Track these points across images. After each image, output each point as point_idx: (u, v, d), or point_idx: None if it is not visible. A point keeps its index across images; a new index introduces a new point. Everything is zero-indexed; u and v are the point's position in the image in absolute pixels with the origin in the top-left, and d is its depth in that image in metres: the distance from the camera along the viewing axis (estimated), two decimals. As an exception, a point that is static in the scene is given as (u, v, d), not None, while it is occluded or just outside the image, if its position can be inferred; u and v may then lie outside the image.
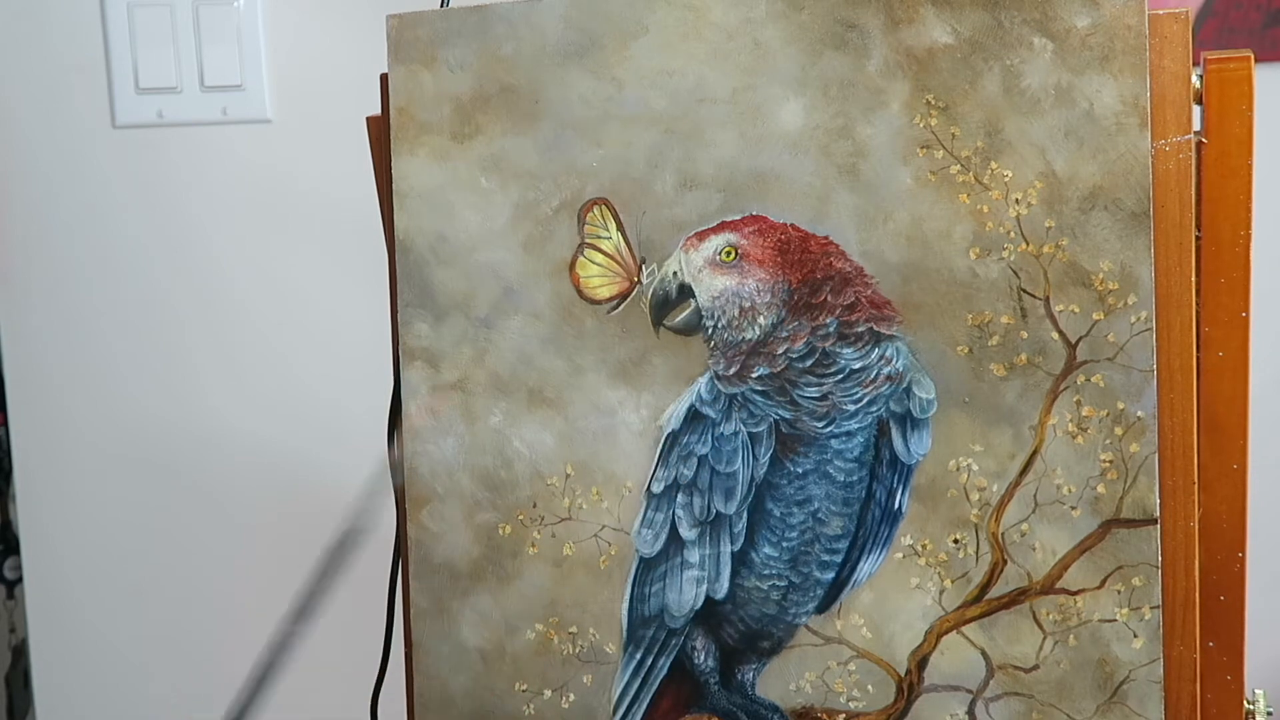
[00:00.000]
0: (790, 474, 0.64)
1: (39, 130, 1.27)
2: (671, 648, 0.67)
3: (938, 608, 0.63)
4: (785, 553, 0.65)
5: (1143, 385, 0.59)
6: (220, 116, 1.26)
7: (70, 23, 1.25)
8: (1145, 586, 0.59)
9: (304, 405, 1.30)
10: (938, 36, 0.60)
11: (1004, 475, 0.61)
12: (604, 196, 0.66)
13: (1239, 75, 0.57)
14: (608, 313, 0.66)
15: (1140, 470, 0.59)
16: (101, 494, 1.33)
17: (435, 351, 0.70)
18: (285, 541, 1.33)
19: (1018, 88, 0.59)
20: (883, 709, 0.64)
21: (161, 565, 1.34)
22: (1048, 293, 0.59)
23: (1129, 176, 0.58)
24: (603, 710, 0.68)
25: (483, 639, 0.70)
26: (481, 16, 0.67)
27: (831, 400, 0.63)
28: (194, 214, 1.28)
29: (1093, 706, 0.61)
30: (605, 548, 0.67)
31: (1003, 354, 0.60)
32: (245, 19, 1.24)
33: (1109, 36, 0.57)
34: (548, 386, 0.68)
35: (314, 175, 1.26)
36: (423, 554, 0.71)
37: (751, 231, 0.63)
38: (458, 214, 0.68)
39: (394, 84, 0.69)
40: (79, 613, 1.35)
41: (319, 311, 1.29)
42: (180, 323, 1.30)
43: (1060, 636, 0.61)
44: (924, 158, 0.60)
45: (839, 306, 0.62)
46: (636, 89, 0.65)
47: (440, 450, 0.70)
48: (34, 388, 1.32)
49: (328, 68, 1.24)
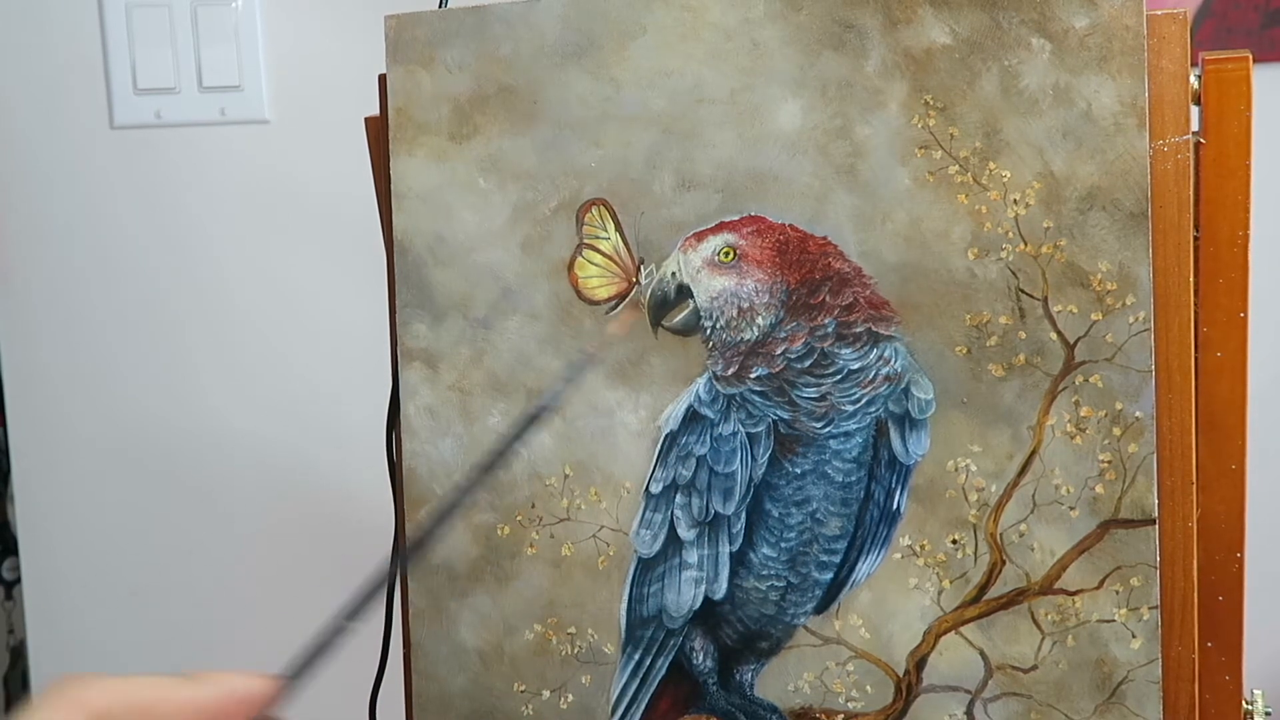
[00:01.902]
0: (789, 474, 0.64)
1: (37, 130, 1.27)
2: (670, 648, 0.67)
3: (936, 608, 0.63)
4: (784, 553, 0.65)
5: (1141, 385, 0.59)
6: (218, 117, 1.26)
7: (68, 23, 1.25)
8: (1144, 587, 0.59)
9: (302, 405, 1.30)
10: (936, 37, 0.60)
11: (1002, 476, 0.61)
12: (602, 197, 0.66)
13: (1237, 75, 0.57)
14: (606, 313, 0.66)
15: (1139, 470, 0.59)
16: (100, 494, 1.33)
17: (433, 352, 0.70)
18: (284, 542, 1.33)
19: (1016, 88, 0.59)
20: (881, 709, 0.64)
21: (160, 566, 1.34)
22: (1046, 293, 0.59)
23: (1127, 177, 0.58)
24: (601, 711, 0.68)
25: (481, 639, 0.70)
26: (480, 17, 0.67)
27: (830, 401, 0.63)
28: (192, 214, 1.28)
29: (1091, 707, 0.61)
30: (604, 548, 0.67)
31: (1001, 354, 0.60)
32: (243, 19, 1.24)
33: (1107, 37, 0.57)
34: (546, 387, 0.68)
35: (312, 176, 1.26)
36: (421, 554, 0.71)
37: (750, 232, 0.63)
38: (456, 214, 0.68)
39: (392, 84, 0.69)
40: (77, 614, 1.35)
41: (317, 312, 1.29)
42: (179, 323, 1.30)
43: (1059, 637, 0.61)
44: (922, 158, 0.60)
45: (837, 307, 0.62)
46: (635, 89, 0.65)
47: (438, 451, 0.70)
48: (32, 388, 1.32)
49: (326, 68, 1.24)
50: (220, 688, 0.41)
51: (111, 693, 0.40)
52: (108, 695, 0.40)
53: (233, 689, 0.41)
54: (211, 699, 0.41)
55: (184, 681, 0.41)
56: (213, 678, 0.41)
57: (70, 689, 0.39)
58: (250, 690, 0.42)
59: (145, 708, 0.40)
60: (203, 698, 0.41)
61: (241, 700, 0.41)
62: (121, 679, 0.40)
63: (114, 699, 0.40)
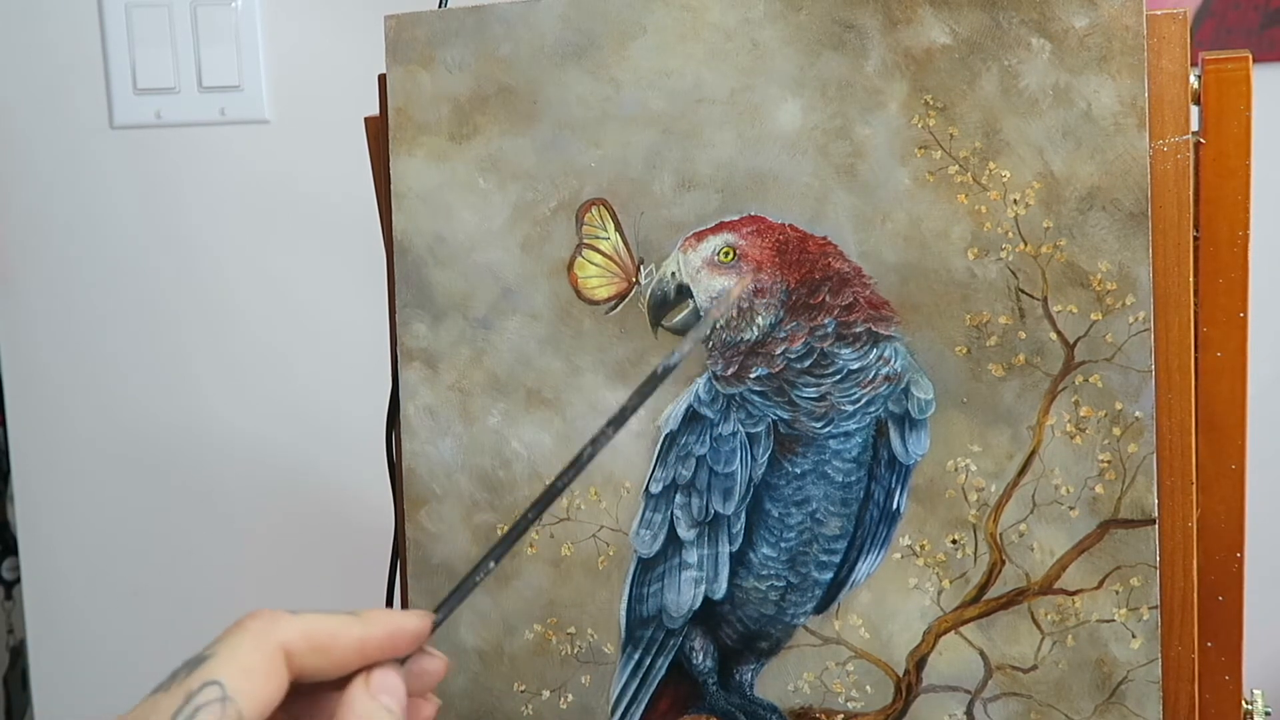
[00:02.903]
0: (788, 474, 0.64)
1: (37, 130, 1.27)
2: (670, 648, 0.67)
3: (936, 608, 0.63)
4: (783, 553, 0.65)
5: (1141, 385, 0.59)
6: (218, 117, 1.26)
7: (68, 23, 1.25)
8: (1143, 587, 0.59)
9: (302, 405, 1.30)
10: (936, 37, 0.60)
11: (1002, 475, 0.61)
12: (602, 197, 0.66)
13: (1237, 76, 0.57)
14: (606, 313, 0.66)
15: (1138, 470, 0.59)
16: (100, 494, 1.33)
17: (433, 352, 0.70)
18: (283, 542, 1.33)
19: (1016, 88, 0.59)
20: (881, 709, 0.64)
21: (160, 566, 1.34)
22: (1046, 293, 0.59)
23: (1127, 177, 0.58)
24: (601, 711, 0.68)
25: (481, 639, 0.70)
26: (479, 17, 0.67)
27: (830, 401, 0.63)
28: (192, 215, 1.28)
29: (1091, 707, 0.61)
30: (603, 548, 0.67)
31: (1001, 354, 0.60)
32: (243, 19, 1.24)
33: (1107, 37, 0.57)
34: (546, 387, 0.68)
35: (312, 176, 1.26)
36: (421, 554, 0.71)
37: (750, 232, 0.63)
38: (456, 214, 0.68)
39: (392, 84, 0.69)
40: (77, 614, 1.35)
41: (317, 312, 1.29)
42: (178, 323, 1.30)
43: (1058, 637, 0.61)
44: (922, 158, 0.60)
45: (837, 307, 0.62)
46: (634, 89, 0.65)
47: (438, 451, 0.70)
48: (32, 388, 1.32)
49: (326, 68, 1.24)
50: (385, 625, 0.45)
51: (294, 628, 0.43)
52: (292, 630, 0.43)
53: (397, 625, 0.45)
54: (379, 634, 0.45)
55: (354, 619, 0.45)
56: (378, 615, 0.45)
57: (257, 624, 0.43)
58: (409, 626, 0.46)
59: (323, 642, 0.43)
60: (371, 634, 0.45)
61: (403, 635, 0.45)
62: (301, 616, 0.43)
63: (298, 635, 0.43)
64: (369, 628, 0.45)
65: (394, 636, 0.45)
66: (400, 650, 0.46)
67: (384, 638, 0.45)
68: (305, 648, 0.43)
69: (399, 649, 0.46)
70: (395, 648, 0.45)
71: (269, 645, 0.42)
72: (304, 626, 0.43)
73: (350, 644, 0.44)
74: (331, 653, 0.44)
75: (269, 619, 0.43)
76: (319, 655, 0.43)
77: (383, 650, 0.45)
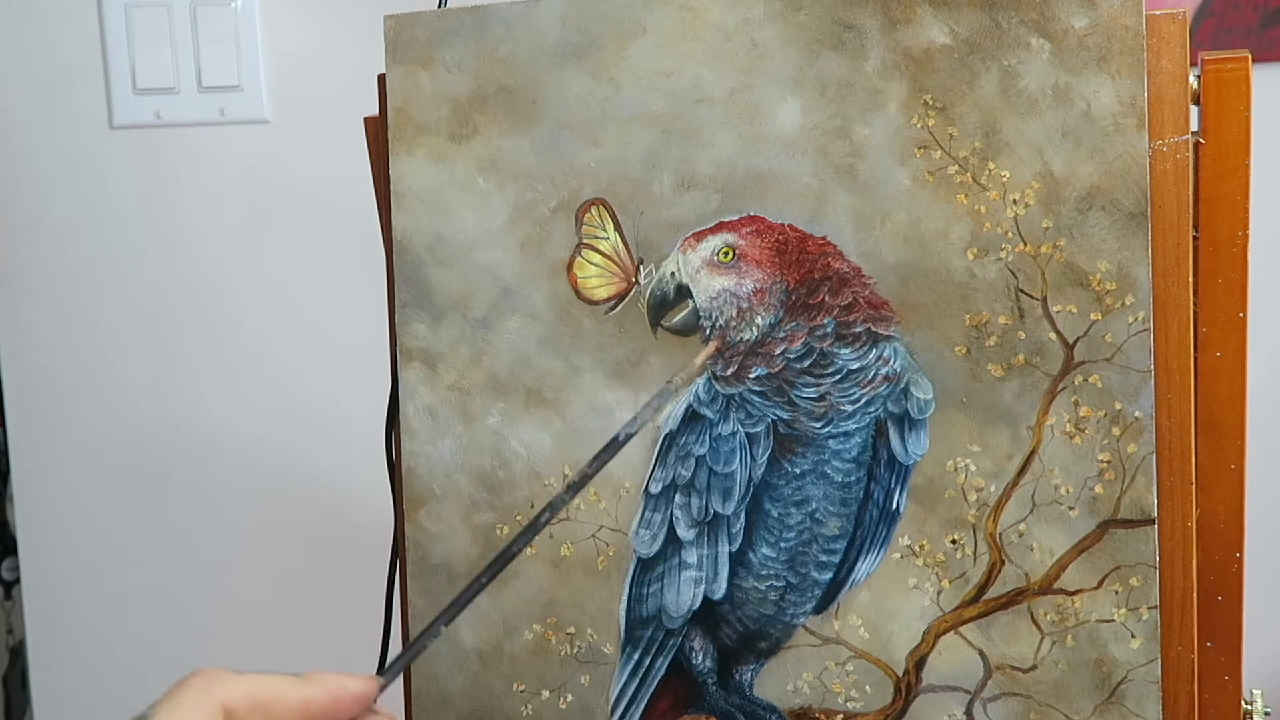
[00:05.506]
0: (788, 474, 0.64)
1: (36, 131, 1.27)
2: (669, 648, 0.67)
3: (935, 608, 0.63)
4: (783, 553, 0.65)
5: (1140, 385, 0.59)
6: (218, 117, 1.26)
7: (67, 23, 1.25)
8: (1143, 587, 0.59)
9: (301, 405, 1.30)
10: (935, 37, 0.60)
11: (1002, 475, 0.61)
12: (602, 197, 0.66)
13: (1236, 76, 0.57)
14: (605, 313, 0.66)
15: (1138, 470, 0.59)
16: (99, 495, 1.33)
17: (433, 352, 0.70)
18: (283, 542, 1.33)
19: (1015, 88, 0.59)
20: (880, 709, 0.64)
21: (159, 566, 1.34)
22: (1045, 293, 0.59)
23: (1126, 177, 0.58)
24: (600, 711, 0.68)
25: (480, 639, 0.70)
26: (479, 17, 0.67)
27: (829, 401, 0.63)
28: (192, 215, 1.28)
29: (1090, 707, 0.61)
30: (603, 548, 0.67)
31: (1000, 354, 0.60)
32: (243, 19, 1.24)
33: (1106, 37, 0.57)
34: (545, 387, 0.68)
35: (312, 176, 1.26)
36: (420, 554, 0.71)
37: (749, 232, 0.63)
38: (455, 214, 0.68)
39: (391, 84, 0.69)
40: (76, 614, 1.35)
41: (317, 312, 1.29)
42: (178, 323, 1.30)
43: (1058, 637, 0.61)
44: (921, 158, 0.60)
45: (836, 307, 0.62)
46: (634, 89, 0.65)
47: (438, 451, 0.70)
48: (32, 388, 1.32)
49: (325, 68, 1.24)
50: (329, 687, 0.45)
51: (237, 688, 0.43)
52: (234, 690, 0.43)
53: (341, 688, 0.46)
54: (323, 697, 0.45)
55: (299, 681, 0.45)
56: (323, 678, 0.46)
57: (200, 682, 0.43)
58: (354, 689, 0.46)
59: (266, 703, 0.44)
60: (315, 696, 0.45)
61: (346, 697, 0.46)
62: (244, 676, 0.44)
63: (240, 695, 0.43)
64: (313, 689, 0.45)
65: (338, 699, 0.45)
66: (345, 713, 0.46)
67: (328, 700, 0.45)
68: (248, 708, 0.43)
69: (343, 711, 0.45)
70: (339, 710, 0.45)
71: (210, 705, 0.42)
72: (247, 687, 0.43)
73: (294, 705, 0.44)
74: (274, 714, 0.44)
75: (211, 678, 0.43)
76: (262, 716, 0.43)
77: (326, 712, 0.45)
